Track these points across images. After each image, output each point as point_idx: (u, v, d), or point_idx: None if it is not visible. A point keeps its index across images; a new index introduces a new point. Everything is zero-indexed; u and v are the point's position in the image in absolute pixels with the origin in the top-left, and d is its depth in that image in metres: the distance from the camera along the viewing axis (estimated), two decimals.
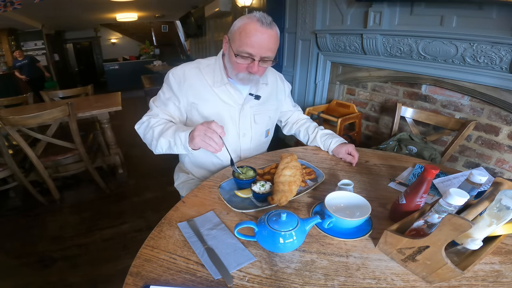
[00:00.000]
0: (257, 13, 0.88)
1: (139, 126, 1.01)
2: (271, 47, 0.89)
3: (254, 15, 0.88)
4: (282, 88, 1.19)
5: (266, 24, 0.86)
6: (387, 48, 1.87)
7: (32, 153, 1.84)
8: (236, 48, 0.89)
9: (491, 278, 0.58)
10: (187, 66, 1.02)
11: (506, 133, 1.52)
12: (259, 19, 0.86)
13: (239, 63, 0.91)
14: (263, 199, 0.81)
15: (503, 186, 0.59)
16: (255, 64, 0.90)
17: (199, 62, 1.04)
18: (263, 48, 0.87)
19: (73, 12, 5.40)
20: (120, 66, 7.74)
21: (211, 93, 1.01)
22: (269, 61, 0.93)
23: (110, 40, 9.04)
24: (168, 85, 1.01)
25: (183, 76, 0.99)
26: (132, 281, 0.57)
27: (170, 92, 1.01)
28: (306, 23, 2.51)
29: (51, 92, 2.69)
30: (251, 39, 0.85)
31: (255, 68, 0.90)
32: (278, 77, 1.19)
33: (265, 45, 0.87)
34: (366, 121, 2.34)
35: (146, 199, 2.22)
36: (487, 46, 1.39)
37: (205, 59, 1.06)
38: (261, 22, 0.85)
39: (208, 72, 1.01)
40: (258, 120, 1.10)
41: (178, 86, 0.99)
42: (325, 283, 0.57)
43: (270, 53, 0.90)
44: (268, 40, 0.87)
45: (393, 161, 1.09)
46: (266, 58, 0.90)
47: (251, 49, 0.86)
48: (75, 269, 1.56)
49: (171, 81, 1.00)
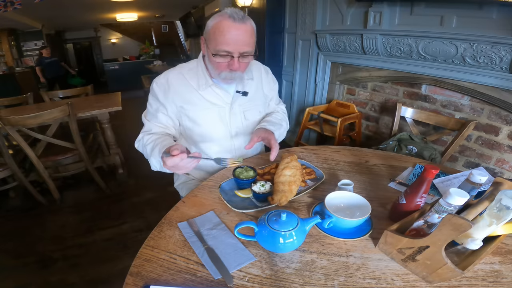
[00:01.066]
0: (228, 9, 0.87)
1: (137, 144, 1.01)
2: (247, 42, 0.88)
3: (226, 11, 0.86)
4: (267, 81, 1.16)
5: (239, 19, 0.84)
6: (387, 48, 1.87)
7: (32, 153, 1.84)
8: (213, 48, 0.87)
9: (491, 278, 0.58)
10: (170, 73, 1.01)
11: (506, 133, 1.52)
12: (230, 15, 0.84)
13: (219, 62, 0.90)
14: (263, 199, 0.81)
15: (503, 186, 0.59)
16: (234, 61, 0.88)
17: (181, 67, 1.03)
18: (239, 44, 0.86)
19: (73, 12, 5.40)
20: (120, 66, 7.73)
21: (197, 96, 1.00)
22: (249, 56, 0.91)
23: (110, 40, 9.03)
24: (153, 95, 1.00)
25: (167, 84, 0.98)
26: (132, 281, 0.57)
27: (157, 103, 1.00)
28: (306, 23, 2.51)
29: (51, 92, 2.69)
30: (226, 37, 0.84)
31: (235, 65, 0.89)
32: (263, 69, 1.16)
33: (241, 41, 0.86)
34: (366, 121, 2.34)
35: (146, 199, 2.21)
36: (487, 46, 1.39)
37: (187, 63, 1.05)
38: (233, 18, 0.84)
39: (191, 76, 1.00)
40: (248, 116, 1.09)
41: (164, 95, 0.98)
42: (325, 283, 0.57)
43: (248, 48, 0.88)
44: (243, 35, 0.86)
45: (393, 161, 1.09)
46: (245, 53, 0.89)
47: (227, 46, 0.85)
48: (75, 269, 1.56)
49: (155, 91, 0.99)
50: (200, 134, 1.05)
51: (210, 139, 1.06)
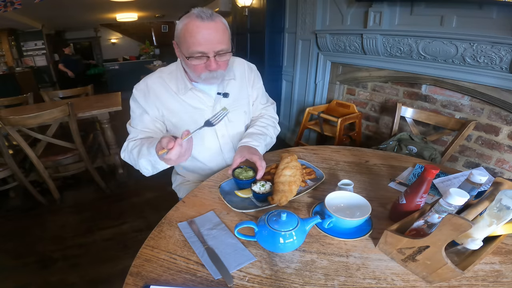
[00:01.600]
0: (195, 9, 0.83)
1: (123, 154, 0.96)
2: (220, 39, 0.84)
3: (192, 12, 0.83)
4: (251, 78, 1.12)
5: (207, 17, 0.81)
6: (387, 48, 1.87)
7: (32, 153, 1.84)
8: (186, 51, 0.84)
9: (491, 278, 0.58)
10: (149, 78, 0.98)
11: (506, 133, 1.52)
12: (197, 15, 0.81)
13: (195, 65, 0.86)
14: (263, 199, 0.81)
15: (503, 186, 0.59)
16: (211, 61, 0.85)
17: (161, 71, 1.00)
18: (212, 43, 0.82)
19: (73, 12, 5.40)
20: (120, 66, 7.72)
21: (178, 100, 0.97)
22: (226, 53, 0.87)
23: (110, 40, 9.03)
24: (134, 101, 0.97)
25: (146, 88, 0.96)
26: (132, 281, 0.57)
27: (139, 108, 0.97)
28: (306, 23, 2.51)
29: (52, 92, 2.69)
30: (197, 38, 0.81)
31: (213, 65, 0.85)
32: (246, 67, 1.11)
33: (213, 39, 0.82)
34: (366, 121, 2.34)
35: (146, 199, 2.22)
36: (487, 46, 1.39)
37: (167, 66, 1.02)
38: (201, 18, 0.80)
39: (171, 79, 0.97)
40: (232, 118, 1.05)
41: (144, 99, 0.95)
42: (325, 283, 0.57)
43: (222, 45, 0.85)
44: (214, 33, 0.82)
45: (393, 161, 1.09)
46: (221, 51, 0.85)
47: (200, 47, 0.82)
48: (75, 269, 1.56)
49: (136, 96, 0.96)
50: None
51: (197, 143, 1.02)
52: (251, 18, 3.19)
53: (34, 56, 6.50)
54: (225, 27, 0.86)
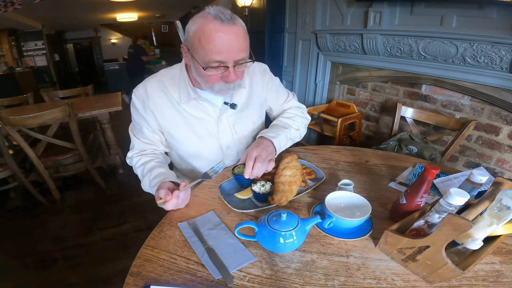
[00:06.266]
0: (211, 8, 0.69)
1: (129, 161, 0.96)
2: (242, 47, 0.72)
3: (209, 12, 0.69)
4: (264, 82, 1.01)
5: (227, 20, 0.68)
6: (387, 48, 1.87)
7: (32, 153, 1.84)
8: (201, 59, 0.72)
9: (492, 278, 0.58)
10: (150, 82, 0.89)
11: (506, 133, 1.52)
12: (215, 16, 0.68)
13: (211, 75, 0.74)
14: (263, 199, 0.81)
15: (503, 186, 0.59)
16: (230, 71, 0.73)
17: (162, 74, 0.90)
18: (233, 51, 0.71)
19: (73, 12, 5.40)
20: (120, 66, 7.73)
21: (179, 110, 0.88)
22: (245, 63, 0.77)
23: (110, 40, 9.03)
24: (134, 109, 0.91)
25: (145, 95, 0.87)
26: (132, 281, 0.57)
27: (139, 116, 0.91)
28: (306, 23, 2.51)
29: (52, 92, 2.70)
30: (215, 44, 0.68)
31: (232, 76, 0.74)
32: (258, 70, 0.99)
33: (234, 46, 0.70)
34: (366, 121, 2.34)
35: (147, 199, 2.21)
36: (487, 46, 1.39)
37: (169, 68, 0.92)
38: (220, 20, 0.67)
39: (172, 85, 0.87)
40: (239, 130, 0.97)
41: (143, 107, 0.88)
42: (325, 283, 0.57)
43: (243, 53, 0.74)
44: (236, 39, 0.70)
45: (393, 161, 1.09)
46: (241, 60, 0.74)
47: (219, 55, 0.70)
48: (75, 269, 1.56)
49: (135, 103, 0.89)
50: (187, 151, 0.97)
51: (198, 155, 0.97)
52: (251, 18, 3.19)
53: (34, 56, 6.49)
54: (245, 32, 0.74)
